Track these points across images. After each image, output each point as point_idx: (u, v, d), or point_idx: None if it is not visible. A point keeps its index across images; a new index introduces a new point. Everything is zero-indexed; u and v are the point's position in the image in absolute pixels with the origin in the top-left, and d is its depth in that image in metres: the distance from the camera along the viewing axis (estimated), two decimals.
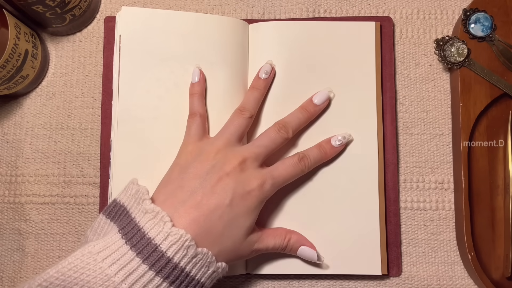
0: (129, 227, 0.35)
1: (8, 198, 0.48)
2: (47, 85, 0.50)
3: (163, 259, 0.34)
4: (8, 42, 0.42)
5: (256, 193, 0.39)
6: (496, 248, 0.45)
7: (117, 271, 0.33)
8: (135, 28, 0.46)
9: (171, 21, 0.46)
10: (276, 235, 0.42)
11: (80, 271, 0.33)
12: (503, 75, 0.46)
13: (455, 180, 0.47)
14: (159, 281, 0.34)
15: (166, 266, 0.34)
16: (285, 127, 0.42)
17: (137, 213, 0.36)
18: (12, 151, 0.49)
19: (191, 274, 0.35)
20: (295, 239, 0.43)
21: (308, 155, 0.43)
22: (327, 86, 0.46)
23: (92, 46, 0.50)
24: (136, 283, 0.33)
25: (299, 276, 0.46)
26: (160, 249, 0.34)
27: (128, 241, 0.34)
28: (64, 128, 0.49)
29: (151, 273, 0.33)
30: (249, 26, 0.48)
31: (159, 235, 0.34)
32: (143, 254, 0.34)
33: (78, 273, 0.32)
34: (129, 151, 0.45)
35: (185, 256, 0.34)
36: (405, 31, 0.50)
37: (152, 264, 0.34)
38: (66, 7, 0.45)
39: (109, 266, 0.33)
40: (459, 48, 0.46)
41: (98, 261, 0.33)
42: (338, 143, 0.44)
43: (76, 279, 0.32)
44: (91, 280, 0.32)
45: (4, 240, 0.48)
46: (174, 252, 0.34)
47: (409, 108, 0.49)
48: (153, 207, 0.36)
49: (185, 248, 0.34)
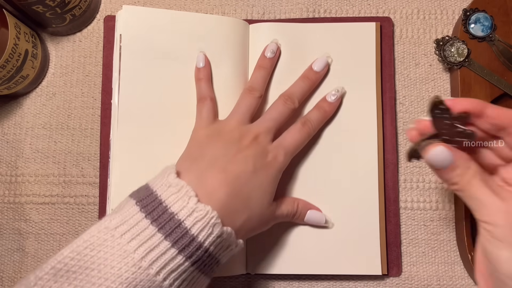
0: (149, 200, 0.33)
1: (8, 198, 0.48)
2: (47, 85, 0.50)
3: (187, 236, 0.32)
4: (8, 42, 0.42)
5: (273, 164, 0.40)
6: None
7: (136, 247, 0.31)
8: (136, 27, 0.46)
9: (171, 21, 0.46)
10: (287, 202, 0.43)
11: (97, 248, 0.31)
12: (503, 75, 0.46)
13: None
14: (181, 260, 0.32)
15: (190, 245, 0.32)
16: (291, 98, 0.43)
17: (159, 186, 0.34)
18: (12, 151, 0.49)
19: (212, 253, 0.33)
20: (302, 204, 0.44)
21: (310, 118, 0.43)
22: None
23: (92, 46, 0.50)
24: (157, 260, 0.31)
25: (299, 276, 0.46)
26: (184, 225, 0.32)
27: (148, 215, 0.32)
28: (64, 128, 0.49)
29: (174, 250, 0.31)
30: (249, 26, 0.48)
31: (183, 210, 0.32)
32: (165, 229, 0.31)
33: (95, 251, 0.31)
34: (128, 150, 0.45)
35: (210, 235, 0.32)
36: (405, 31, 0.50)
37: (175, 241, 0.31)
38: (66, 7, 0.45)
39: (128, 242, 0.31)
40: (459, 48, 0.46)
41: (116, 237, 0.31)
42: (334, 97, 0.45)
43: (93, 258, 0.30)
44: (108, 257, 0.30)
45: (4, 240, 0.48)
46: (199, 229, 0.32)
47: (409, 108, 0.49)
48: (177, 181, 0.34)
49: (210, 226, 0.32)
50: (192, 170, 0.36)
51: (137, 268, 0.30)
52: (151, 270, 0.31)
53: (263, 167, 0.39)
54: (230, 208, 0.35)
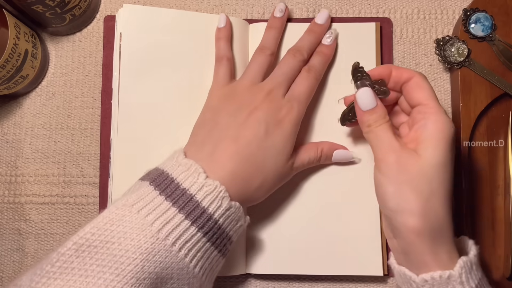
0: (161, 179, 0.35)
1: (8, 198, 0.48)
2: (47, 85, 0.50)
3: (198, 209, 0.34)
4: (8, 42, 0.42)
5: (288, 118, 0.40)
6: (496, 248, 0.45)
7: (153, 221, 0.33)
8: (136, 26, 0.45)
9: (171, 20, 0.46)
10: (308, 150, 0.43)
11: (116, 223, 0.33)
12: (504, 75, 0.46)
13: (455, 180, 0.47)
14: (194, 230, 0.34)
15: (201, 216, 0.34)
16: (299, 51, 0.44)
17: (170, 167, 0.36)
18: (12, 151, 0.49)
19: (222, 226, 0.36)
20: (327, 147, 0.44)
21: (312, 63, 0.44)
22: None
23: (92, 46, 0.50)
24: (173, 232, 0.33)
25: (299, 276, 0.46)
26: (195, 199, 0.34)
27: (162, 192, 0.34)
28: (64, 128, 0.49)
29: (187, 222, 0.34)
30: (249, 26, 0.48)
31: (194, 185, 0.35)
32: (178, 203, 0.34)
33: (115, 226, 0.32)
34: (129, 150, 0.45)
35: (220, 207, 0.35)
36: (405, 31, 0.50)
37: (188, 213, 0.34)
38: (66, 7, 0.45)
39: (145, 216, 0.33)
40: (459, 48, 0.46)
41: (133, 213, 0.33)
42: (329, 39, 0.46)
43: (113, 232, 0.32)
44: (128, 231, 0.32)
45: (4, 240, 0.48)
46: (209, 202, 0.35)
47: None
48: (186, 161, 0.36)
49: (219, 199, 0.35)
50: (205, 144, 0.39)
51: (155, 239, 0.32)
52: (168, 241, 0.33)
53: (276, 125, 0.40)
54: (243, 175, 0.37)
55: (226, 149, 0.38)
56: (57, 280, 0.31)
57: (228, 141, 0.38)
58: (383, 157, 0.35)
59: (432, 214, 0.33)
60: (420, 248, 0.33)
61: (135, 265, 0.31)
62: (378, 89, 0.38)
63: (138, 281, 0.31)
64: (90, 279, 0.31)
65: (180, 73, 0.46)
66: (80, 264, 0.31)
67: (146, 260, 0.32)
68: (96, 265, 0.31)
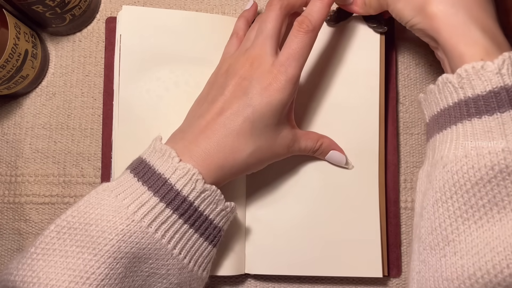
0: (140, 167, 0.37)
1: (8, 198, 0.48)
2: (47, 85, 0.50)
3: (172, 192, 0.35)
4: (8, 42, 0.42)
5: (275, 85, 0.37)
6: None
7: (129, 204, 0.34)
8: (136, 27, 0.45)
9: (171, 21, 0.46)
10: (309, 138, 0.43)
11: (95, 206, 0.34)
12: None
13: None
14: (169, 212, 0.35)
15: (175, 199, 0.35)
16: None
17: (148, 154, 0.38)
18: (12, 151, 0.49)
19: (199, 209, 0.36)
20: (327, 143, 0.44)
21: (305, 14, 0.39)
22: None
23: (92, 46, 0.50)
24: (148, 214, 0.35)
25: (299, 277, 0.46)
26: (169, 182, 0.35)
27: (140, 178, 0.36)
28: (64, 128, 0.49)
29: (162, 204, 0.35)
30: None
31: (168, 170, 0.36)
32: (154, 187, 0.35)
33: (93, 209, 0.34)
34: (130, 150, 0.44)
35: (194, 190, 0.36)
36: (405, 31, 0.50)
37: (163, 196, 0.35)
38: (66, 7, 0.45)
39: (123, 200, 0.35)
40: None
41: (112, 197, 0.35)
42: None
43: (91, 214, 0.34)
44: (105, 213, 0.34)
45: (4, 240, 0.48)
46: (182, 185, 0.36)
47: (409, 108, 0.49)
48: (161, 146, 0.37)
49: (193, 182, 0.36)
50: (191, 124, 0.39)
51: (131, 221, 0.34)
52: (143, 223, 0.34)
53: (262, 93, 0.37)
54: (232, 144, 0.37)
55: (212, 122, 0.38)
56: (39, 261, 0.33)
57: (213, 114, 0.38)
58: None
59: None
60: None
61: (111, 245, 0.33)
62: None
63: (115, 260, 0.33)
64: (70, 259, 0.33)
65: (180, 73, 0.46)
66: (61, 246, 0.33)
67: (122, 241, 0.33)
68: (76, 246, 0.33)
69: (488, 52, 0.33)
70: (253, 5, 0.46)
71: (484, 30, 0.34)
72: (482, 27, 0.34)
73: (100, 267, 0.32)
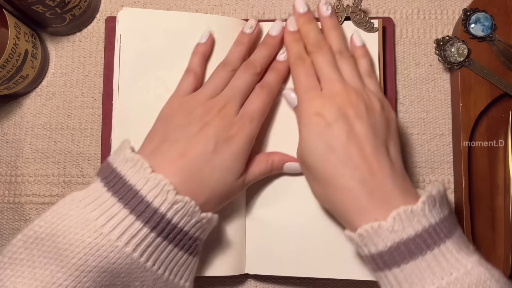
0: (111, 176, 0.36)
1: (8, 198, 0.48)
2: (47, 85, 0.50)
3: (143, 204, 0.34)
4: (8, 42, 0.42)
5: (239, 135, 0.39)
6: (496, 248, 0.45)
7: (98, 216, 0.33)
8: (135, 28, 0.46)
9: (171, 21, 0.46)
10: (259, 163, 0.42)
11: (63, 217, 0.33)
12: (504, 75, 0.46)
13: (455, 180, 0.47)
14: (139, 225, 0.34)
15: (146, 211, 0.34)
16: (253, 64, 0.43)
17: (119, 162, 0.36)
18: (12, 151, 0.49)
19: (172, 221, 0.35)
20: (277, 159, 0.43)
21: (266, 80, 0.43)
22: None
23: (92, 46, 0.50)
24: (118, 227, 0.33)
25: (299, 278, 0.46)
26: (140, 194, 0.34)
27: (110, 188, 0.35)
28: (64, 128, 0.49)
29: (132, 217, 0.34)
30: None
31: (139, 181, 0.35)
32: (124, 199, 0.34)
33: (61, 220, 0.33)
34: None
35: (165, 201, 0.35)
36: (405, 31, 0.50)
37: (133, 208, 0.34)
38: (66, 7, 0.45)
39: (91, 212, 0.34)
40: (459, 48, 0.46)
41: (80, 207, 0.34)
42: (283, 56, 0.44)
43: (59, 225, 0.33)
44: (73, 225, 0.33)
45: (4, 240, 0.48)
46: (153, 196, 0.34)
47: (409, 108, 0.49)
48: (133, 156, 0.36)
49: (164, 192, 0.35)
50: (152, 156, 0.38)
51: (99, 234, 0.33)
52: (113, 236, 0.33)
53: (226, 142, 0.39)
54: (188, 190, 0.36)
55: (171, 164, 0.37)
56: (7, 270, 0.32)
57: (174, 156, 0.38)
58: None
59: None
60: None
61: (78, 258, 0.32)
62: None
63: (83, 273, 0.32)
64: (37, 270, 0.32)
65: (180, 73, 0.46)
66: (29, 256, 0.32)
67: (90, 255, 0.32)
68: (43, 257, 0.32)
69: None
70: (208, 38, 0.45)
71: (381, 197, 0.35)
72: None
73: (67, 279, 0.32)
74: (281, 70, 0.44)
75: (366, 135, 0.37)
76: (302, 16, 0.44)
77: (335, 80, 0.40)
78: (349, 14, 0.46)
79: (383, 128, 0.38)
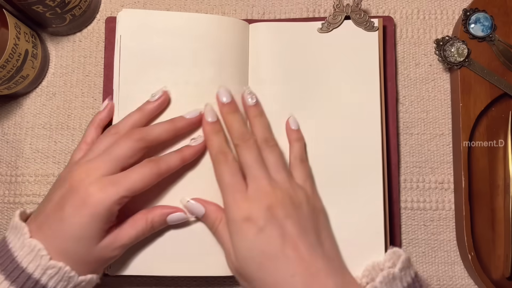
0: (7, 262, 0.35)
1: (8, 198, 0.48)
2: (47, 85, 0.50)
3: (18, 269, 0.35)
4: (8, 42, 0.42)
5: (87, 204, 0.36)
6: (496, 248, 0.45)
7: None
8: (135, 29, 0.46)
9: (171, 22, 0.46)
10: (135, 223, 0.40)
11: None
12: (503, 75, 0.46)
13: (455, 180, 0.47)
14: None
15: (20, 276, 0.34)
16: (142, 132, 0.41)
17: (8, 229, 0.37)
18: (12, 151, 0.49)
19: (48, 286, 0.35)
20: (158, 215, 0.41)
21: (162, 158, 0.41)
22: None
23: (92, 46, 0.50)
24: None
25: None
26: (16, 260, 0.35)
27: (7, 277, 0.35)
28: (64, 128, 0.49)
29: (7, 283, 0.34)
30: (249, 26, 0.48)
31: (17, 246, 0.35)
32: (2, 265, 0.35)
33: None
34: None
35: (38, 266, 0.35)
36: (405, 31, 0.50)
37: (8, 274, 0.34)
38: (66, 7, 0.45)
39: None
40: (459, 48, 0.46)
41: None
42: (196, 143, 0.42)
43: None
44: None
45: None
46: (28, 262, 0.35)
47: (409, 108, 0.49)
48: (16, 222, 0.37)
49: (38, 258, 0.35)
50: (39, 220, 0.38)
51: None
52: None
53: (78, 208, 0.36)
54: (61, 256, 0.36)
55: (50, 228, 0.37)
56: None
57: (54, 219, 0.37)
58: None
59: None
60: None
61: None
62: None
63: None
64: None
65: (180, 74, 0.46)
66: None
67: None
68: None
69: None
70: (107, 106, 0.44)
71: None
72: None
73: None
74: (185, 156, 0.41)
75: (299, 235, 0.37)
76: (225, 106, 0.42)
77: (261, 177, 0.39)
78: (349, 13, 0.46)
79: (312, 221, 0.39)
